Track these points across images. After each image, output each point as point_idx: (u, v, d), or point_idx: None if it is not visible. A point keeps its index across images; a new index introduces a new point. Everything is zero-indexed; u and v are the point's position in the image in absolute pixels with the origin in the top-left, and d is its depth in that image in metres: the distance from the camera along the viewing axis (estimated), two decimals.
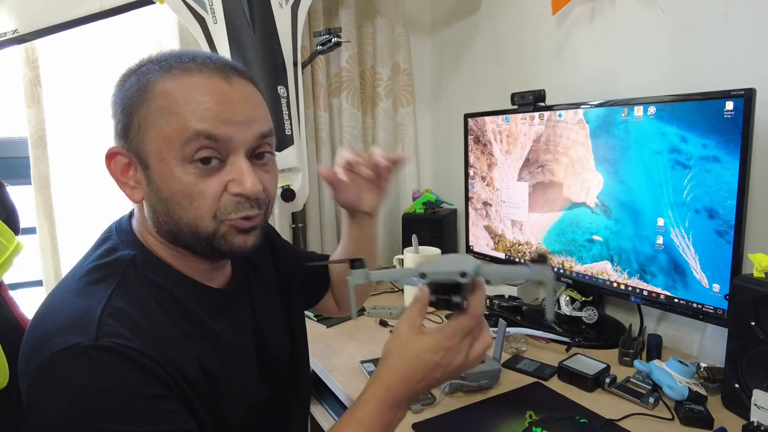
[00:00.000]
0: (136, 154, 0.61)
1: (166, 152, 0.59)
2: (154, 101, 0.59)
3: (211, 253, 0.64)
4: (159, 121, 0.59)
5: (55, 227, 1.37)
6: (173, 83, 0.60)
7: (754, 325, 0.83)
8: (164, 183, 0.60)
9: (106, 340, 0.53)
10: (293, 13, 1.35)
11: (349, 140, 1.74)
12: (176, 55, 0.63)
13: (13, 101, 1.34)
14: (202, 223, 0.61)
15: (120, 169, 0.63)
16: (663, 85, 1.12)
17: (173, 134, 0.58)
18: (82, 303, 0.58)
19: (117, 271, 0.61)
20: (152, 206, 0.62)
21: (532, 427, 0.74)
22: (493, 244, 1.45)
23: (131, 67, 0.64)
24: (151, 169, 0.60)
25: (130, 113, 0.61)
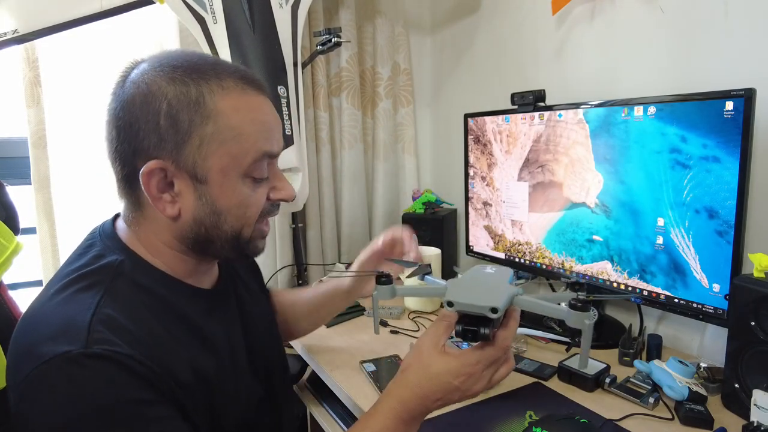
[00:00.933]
0: (189, 169, 0.61)
1: (231, 169, 0.62)
2: (219, 119, 0.60)
3: (238, 256, 0.68)
4: (228, 140, 0.61)
5: (55, 227, 1.37)
6: (234, 101, 0.61)
7: (754, 325, 0.83)
8: (223, 197, 0.62)
9: (97, 347, 0.53)
10: (293, 13, 1.35)
11: (349, 140, 1.74)
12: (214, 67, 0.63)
13: (13, 101, 1.34)
14: (247, 229, 0.65)
15: (159, 186, 0.61)
16: (663, 85, 1.12)
17: (242, 153, 0.61)
18: (70, 310, 0.57)
19: (105, 277, 0.61)
20: (198, 219, 0.63)
21: (532, 427, 0.74)
22: (493, 244, 1.45)
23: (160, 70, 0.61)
24: (209, 184, 0.61)
25: (187, 129, 0.59)
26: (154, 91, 0.60)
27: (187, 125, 0.59)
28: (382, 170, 1.84)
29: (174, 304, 0.65)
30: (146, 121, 0.59)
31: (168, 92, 0.59)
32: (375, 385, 0.96)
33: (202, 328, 0.67)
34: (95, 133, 1.42)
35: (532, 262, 1.33)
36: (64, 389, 0.52)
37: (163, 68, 0.61)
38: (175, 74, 0.60)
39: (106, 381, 0.53)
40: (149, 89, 0.60)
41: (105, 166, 0.66)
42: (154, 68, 0.61)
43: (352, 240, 1.80)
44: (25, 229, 0.90)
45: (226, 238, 0.64)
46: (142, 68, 0.62)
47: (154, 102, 0.59)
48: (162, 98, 0.59)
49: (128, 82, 0.62)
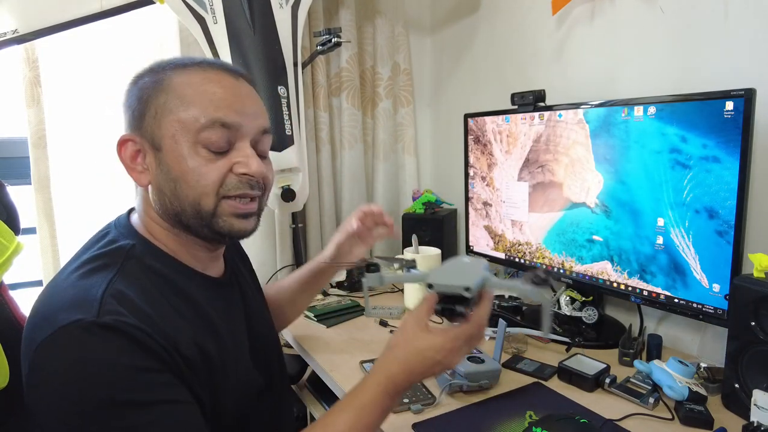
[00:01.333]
0: (149, 139, 0.67)
1: (180, 135, 0.66)
2: (171, 91, 0.66)
3: (212, 234, 0.69)
4: (176, 108, 0.66)
5: (55, 227, 1.37)
6: (189, 76, 0.67)
7: (754, 325, 0.83)
8: (176, 163, 0.66)
9: (107, 318, 0.56)
10: (293, 14, 1.35)
11: (349, 140, 1.74)
12: (188, 57, 0.71)
13: (13, 101, 1.34)
14: (206, 199, 0.67)
15: (130, 156, 0.68)
16: (663, 85, 1.12)
17: (189, 120, 0.65)
18: (84, 285, 0.61)
19: (117, 258, 0.65)
20: (160, 188, 0.68)
21: (532, 427, 0.74)
22: (493, 244, 1.45)
23: (145, 68, 0.70)
24: (164, 151, 0.66)
25: (146, 102, 0.67)
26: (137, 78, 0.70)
27: (146, 99, 0.67)
28: (382, 170, 1.84)
29: (181, 286, 0.68)
30: (127, 105, 0.69)
31: (145, 78, 0.69)
32: None
33: (208, 312, 0.70)
34: (95, 133, 1.43)
35: (532, 262, 1.33)
36: (76, 354, 0.55)
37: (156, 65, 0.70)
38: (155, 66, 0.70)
39: (116, 348, 0.56)
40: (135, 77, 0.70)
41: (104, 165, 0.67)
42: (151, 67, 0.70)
43: None
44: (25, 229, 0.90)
45: (188, 211, 0.67)
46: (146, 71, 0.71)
47: (133, 88, 0.69)
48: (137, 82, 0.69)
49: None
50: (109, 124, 1.43)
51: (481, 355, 0.99)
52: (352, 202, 1.78)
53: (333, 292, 1.56)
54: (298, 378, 1.35)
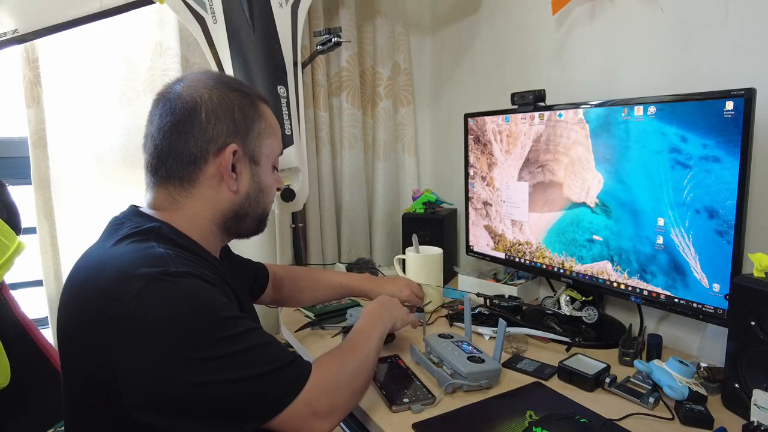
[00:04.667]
0: (249, 153, 0.80)
1: (271, 157, 0.85)
2: (265, 120, 0.82)
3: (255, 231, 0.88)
4: (270, 135, 0.83)
5: (55, 227, 1.37)
6: (267, 111, 0.84)
7: (754, 325, 0.83)
8: (265, 176, 0.84)
9: (183, 268, 0.65)
10: (293, 13, 1.35)
11: (349, 140, 1.74)
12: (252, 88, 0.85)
13: (13, 101, 1.34)
14: (270, 204, 0.87)
15: (233, 162, 0.78)
16: (663, 85, 1.12)
17: (275, 147, 0.86)
18: (138, 249, 0.68)
19: (150, 235, 0.72)
20: (248, 195, 0.82)
21: (532, 427, 0.74)
22: (493, 244, 1.45)
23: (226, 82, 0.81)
24: (261, 166, 0.82)
25: (252, 120, 0.80)
26: (220, 94, 0.78)
27: (251, 118, 0.80)
28: (382, 170, 1.84)
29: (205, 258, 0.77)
30: (223, 114, 0.77)
31: (232, 96, 0.79)
32: (375, 385, 0.96)
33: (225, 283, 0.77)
34: (95, 133, 1.42)
35: (532, 262, 1.33)
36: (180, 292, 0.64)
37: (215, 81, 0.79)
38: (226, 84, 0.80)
39: (205, 288, 0.66)
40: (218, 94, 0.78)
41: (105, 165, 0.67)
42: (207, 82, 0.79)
43: (352, 240, 1.81)
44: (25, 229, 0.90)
45: (258, 212, 0.84)
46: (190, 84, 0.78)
47: (226, 100, 0.78)
48: (232, 98, 0.78)
49: (179, 96, 0.76)
50: (110, 124, 1.43)
51: (481, 354, 0.99)
52: (352, 202, 1.78)
53: None
54: None
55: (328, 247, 1.75)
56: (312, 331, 1.26)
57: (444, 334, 1.08)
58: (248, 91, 0.82)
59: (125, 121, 1.45)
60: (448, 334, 1.08)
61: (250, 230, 0.87)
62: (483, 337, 1.20)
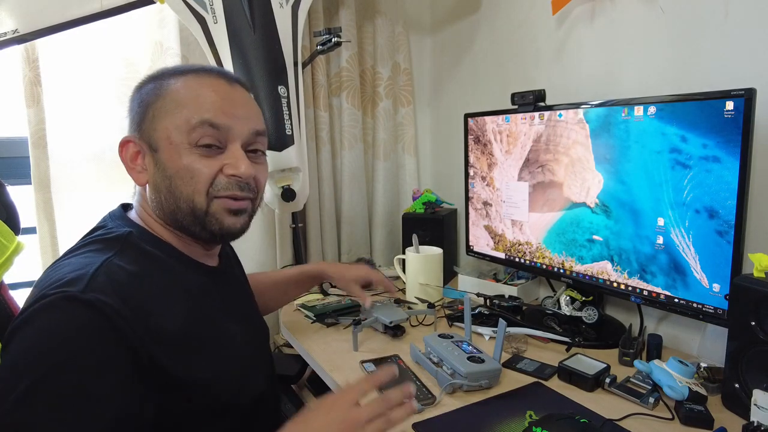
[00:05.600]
0: (147, 140, 0.72)
1: (174, 137, 0.70)
2: (167, 96, 0.71)
3: (204, 232, 0.73)
4: (171, 111, 0.70)
5: (55, 227, 1.37)
6: (184, 82, 0.72)
7: (754, 325, 0.83)
8: (170, 162, 0.70)
9: (90, 294, 0.58)
10: (293, 13, 1.35)
11: (349, 140, 1.74)
12: (189, 65, 0.77)
13: (13, 101, 1.34)
14: (198, 197, 0.70)
15: (130, 156, 0.74)
16: (663, 85, 1.12)
17: (182, 122, 0.70)
18: (80, 263, 0.63)
19: (116, 243, 0.68)
20: (156, 186, 0.72)
21: (532, 427, 0.74)
22: (493, 244, 1.45)
23: (148, 76, 0.76)
24: (160, 151, 0.71)
25: (146, 107, 0.72)
26: (141, 84, 0.75)
27: (146, 104, 0.73)
28: (382, 170, 1.84)
29: (177, 271, 0.72)
30: (129, 110, 0.75)
31: (149, 85, 0.74)
32: None
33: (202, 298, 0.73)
34: (95, 133, 1.42)
35: (532, 262, 1.33)
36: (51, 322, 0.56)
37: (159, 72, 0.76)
38: (157, 73, 0.75)
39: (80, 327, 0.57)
40: (139, 84, 0.76)
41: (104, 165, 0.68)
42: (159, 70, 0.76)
43: (352, 240, 1.80)
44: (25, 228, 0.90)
45: (182, 208, 0.71)
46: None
47: (138, 92, 0.75)
48: (141, 89, 0.75)
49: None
50: (109, 124, 1.43)
51: (481, 354, 0.99)
52: (352, 202, 1.78)
53: (333, 292, 1.56)
54: (298, 378, 1.35)
55: (328, 247, 1.75)
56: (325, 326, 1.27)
57: (444, 334, 1.08)
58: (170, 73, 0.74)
59: (125, 121, 1.44)
60: (448, 334, 1.08)
61: (196, 232, 0.73)
62: (483, 337, 1.20)
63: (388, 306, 1.25)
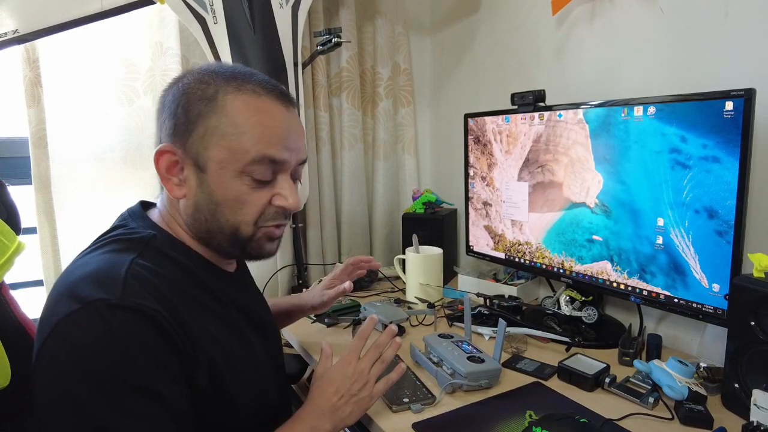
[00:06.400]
0: (193, 157, 0.67)
1: (228, 163, 0.66)
2: (225, 115, 0.65)
3: (242, 255, 0.73)
4: (228, 135, 0.65)
5: (55, 227, 1.37)
6: (243, 102, 0.66)
7: (754, 325, 0.83)
8: (220, 188, 0.66)
9: (130, 300, 0.57)
10: (293, 13, 1.35)
11: (349, 140, 1.74)
12: (241, 73, 0.70)
13: (14, 101, 1.34)
14: (245, 227, 0.69)
15: (166, 166, 0.68)
16: (663, 85, 1.12)
17: (240, 150, 0.65)
18: (107, 261, 0.62)
19: (138, 245, 0.66)
20: (198, 205, 0.68)
21: (532, 427, 0.74)
22: (493, 244, 1.45)
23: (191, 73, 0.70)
24: (209, 173, 0.66)
25: (195, 119, 0.66)
26: (184, 86, 0.68)
27: (195, 115, 0.66)
28: (382, 170, 1.84)
29: (199, 276, 0.70)
30: (168, 110, 0.68)
31: (193, 87, 0.67)
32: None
33: (224, 303, 0.72)
34: (96, 133, 1.42)
35: (532, 262, 1.33)
36: (100, 330, 0.55)
37: (200, 71, 0.69)
38: (204, 76, 0.68)
39: (137, 331, 0.57)
40: (183, 85, 0.68)
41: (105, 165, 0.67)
42: (194, 71, 0.70)
43: (352, 240, 1.81)
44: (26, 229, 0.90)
45: (225, 232, 0.69)
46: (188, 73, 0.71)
47: (179, 94, 0.67)
48: (187, 91, 0.67)
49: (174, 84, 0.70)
50: (110, 124, 1.43)
51: (481, 354, 0.99)
52: (352, 202, 1.78)
53: None
54: (298, 378, 1.35)
55: (328, 247, 1.75)
56: (325, 326, 1.27)
57: (444, 334, 1.08)
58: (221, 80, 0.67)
59: (125, 121, 1.45)
60: (448, 334, 1.08)
61: (225, 251, 0.72)
62: (483, 337, 1.20)
63: (388, 306, 1.25)
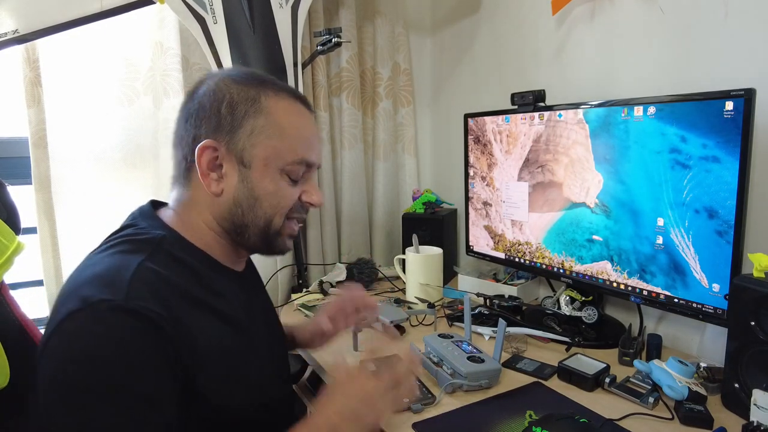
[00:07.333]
0: (237, 154, 0.71)
1: (272, 161, 0.72)
2: (269, 116, 0.72)
3: (266, 248, 0.77)
4: (274, 136, 0.71)
5: (55, 227, 1.37)
6: (284, 106, 0.73)
7: (753, 325, 0.83)
8: (260, 183, 0.72)
9: (133, 303, 0.58)
10: (293, 14, 1.35)
11: (349, 140, 1.74)
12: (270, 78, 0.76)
13: (14, 101, 1.34)
14: (278, 218, 0.74)
15: (208, 161, 0.71)
16: (663, 85, 1.12)
17: (285, 151, 0.72)
18: (115, 262, 0.63)
19: (147, 246, 0.67)
20: (237, 200, 0.72)
21: (532, 427, 0.74)
22: (493, 244, 1.45)
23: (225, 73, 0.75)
24: (253, 169, 0.71)
25: (242, 117, 0.71)
26: (221, 87, 0.72)
27: (242, 114, 0.70)
28: (382, 170, 1.84)
29: (209, 279, 0.71)
30: (210, 108, 0.71)
31: (232, 88, 0.71)
32: None
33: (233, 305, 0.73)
34: (96, 133, 1.42)
35: (532, 262, 1.33)
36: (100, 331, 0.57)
37: (231, 74, 0.74)
38: (240, 78, 0.73)
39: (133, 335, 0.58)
40: (217, 86, 0.72)
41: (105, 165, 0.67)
42: (223, 74, 0.75)
43: (352, 240, 1.81)
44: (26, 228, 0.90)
45: (259, 225, 0.73)
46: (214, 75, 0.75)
47: (220, 94, 0.71)
48: (227, 92, 0.71)
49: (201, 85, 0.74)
50: (110, 124, 1.43)
51: (481, 354, 0.99)
52: (352, 202, 1.78)
53: (333, 292, 1.56)
54: (298, 378, 1.35)
55: (328, 247, 1.75)
56: None
57: (444, 334, 1.08)
58: (256, 83, 0.73)
59: (125, 121, 1.45)
60: (448, 334, 1.08)
61: (256, 246, 0.77)
62: (483, 337, 1.20)
63: (388, 306, 1.25)
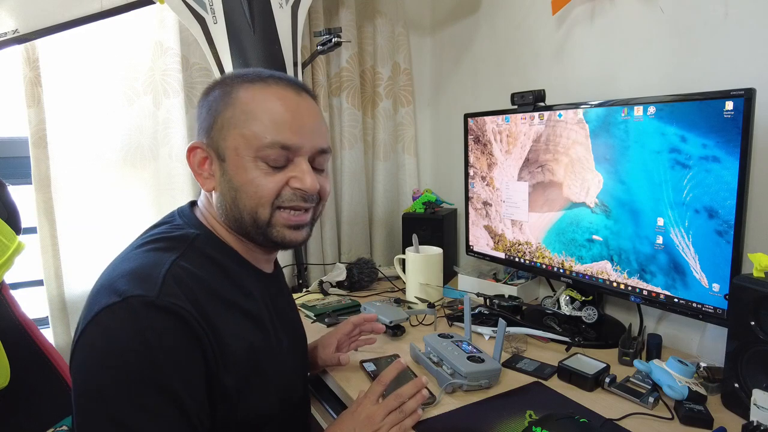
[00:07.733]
0: (214, 149, 0.72)
1: (242, 149, 0.70)
2: (237, 106, 0.71)
3: (266, 242, 0.75)
4: (241, 123, 0.70)
5: (55, 227, 1.37)
6: (254, 92, 0.72)
7: (753, 325, 0.83)
8: (237, 174, 0.71)
9: (166, 299, 0.60)
10: (293, 13, 1.35)
11: (349, 140, 1.74)
12: (257, 71, 0.75)
13: (14, 101, 1.34)
14: (262, 209, 0.72)
15: (198, 162, 0.74)
16: (663, 85, 1.12)
17: (251, 136, 0.70)
18: (149, 259, 0.65)
19: (181, 244, 0.70)
20: (222, 194, 0.73)
21: (532, 427, 0.75)
22: (493, 244, 1.45)
23: (216, 81, 0.77)
24: (227, 161, 0.71)
25: (214, 114, 0.72)
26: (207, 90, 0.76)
27: (215, 112, 0.72)
28: (382, 170, 1.84)
29: (238, 278, 0.73)
30: (198, 115, 0.76)
31: (217, 90, 0.74)
32: None
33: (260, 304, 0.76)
34: (96, 133, 1.42)
35: (532, 262, 1.33)
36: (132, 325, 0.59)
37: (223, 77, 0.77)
38: (226, 79, 0.75)
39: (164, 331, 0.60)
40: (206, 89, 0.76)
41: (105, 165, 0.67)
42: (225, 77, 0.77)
43: (352, 240, 1.81)
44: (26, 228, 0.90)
45: (246, 219, 0.72)
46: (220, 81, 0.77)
47: (205, 98, 0.75)
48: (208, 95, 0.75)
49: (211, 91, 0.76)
50: (110, 124, 1.43)
51: (481, 354, 0.99)
52: (352, 202, 1.78)
53: (333, 292, 1.56)
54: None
55: (328, 247, 1.75)
56: (326, 326, 1.27)
57: (444, 334, 1.08)
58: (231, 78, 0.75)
59: (126, 121, 1.45)
60: (448, 334, 1.08)
61: (259, 241, 0.75)
62: (483, 337, 1.20)
63: (388, 306, 1.25)
